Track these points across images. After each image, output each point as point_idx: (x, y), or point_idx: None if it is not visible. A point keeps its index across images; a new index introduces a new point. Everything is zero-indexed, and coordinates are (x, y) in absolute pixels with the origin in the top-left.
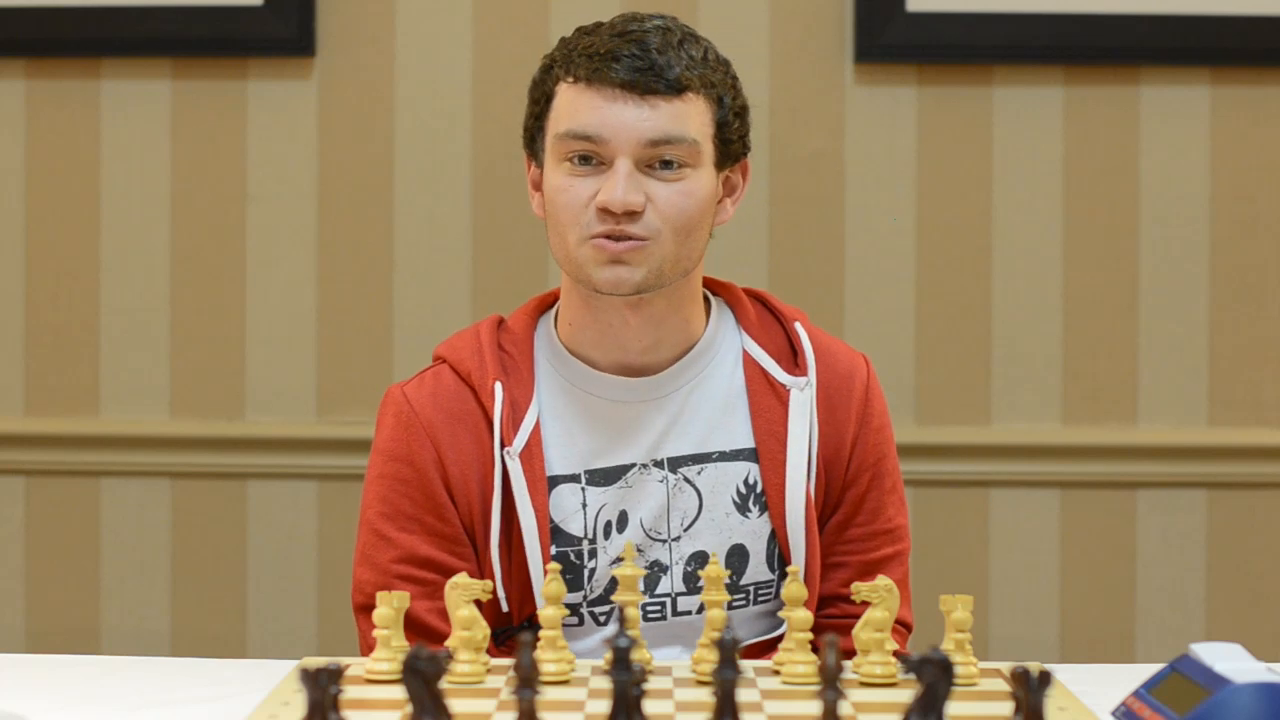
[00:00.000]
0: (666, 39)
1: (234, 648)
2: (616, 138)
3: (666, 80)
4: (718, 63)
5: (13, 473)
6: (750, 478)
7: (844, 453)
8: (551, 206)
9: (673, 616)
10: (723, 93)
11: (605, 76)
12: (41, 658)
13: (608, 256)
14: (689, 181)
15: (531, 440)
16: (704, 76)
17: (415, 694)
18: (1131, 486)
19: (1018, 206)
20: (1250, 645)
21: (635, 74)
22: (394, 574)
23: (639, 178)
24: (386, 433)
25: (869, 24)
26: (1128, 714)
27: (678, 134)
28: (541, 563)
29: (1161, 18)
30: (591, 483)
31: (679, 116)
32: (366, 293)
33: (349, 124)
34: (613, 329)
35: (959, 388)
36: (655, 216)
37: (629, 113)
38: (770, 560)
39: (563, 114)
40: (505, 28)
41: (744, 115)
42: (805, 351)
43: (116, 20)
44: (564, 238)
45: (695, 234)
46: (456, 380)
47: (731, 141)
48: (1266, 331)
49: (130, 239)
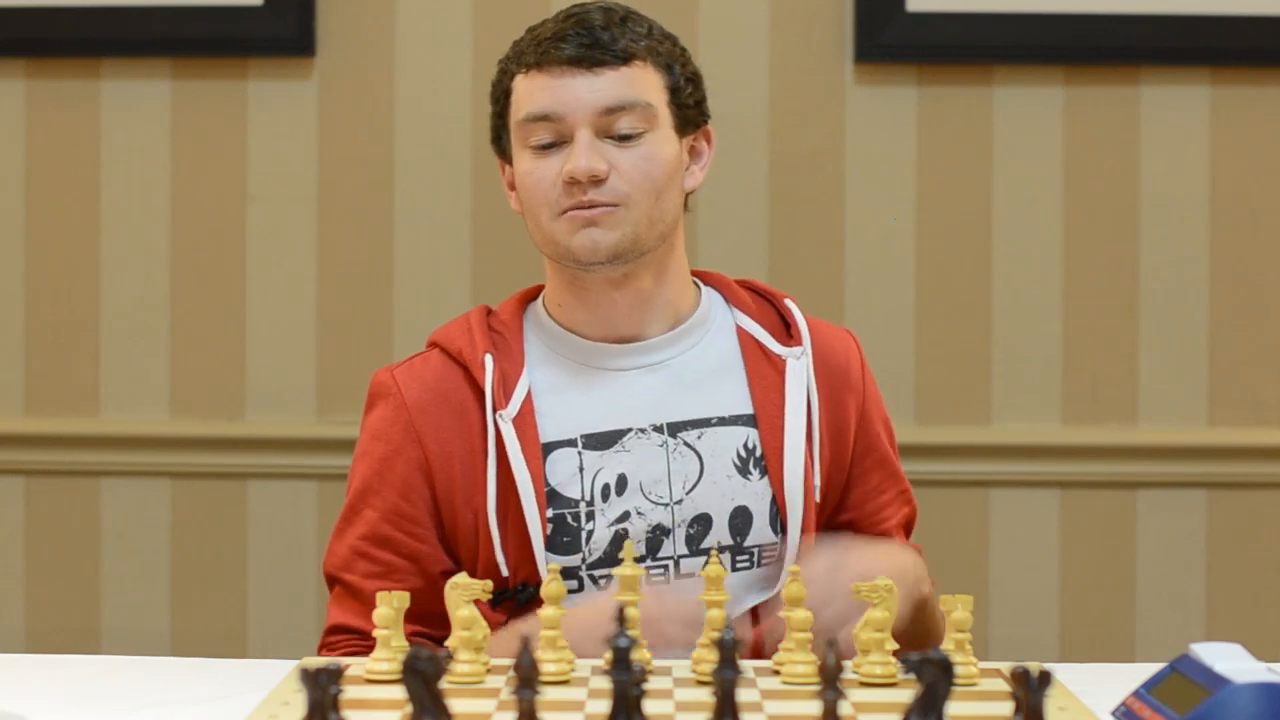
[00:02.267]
0: (609, 16)
1: (234, 648)
2: (572, 111)
3: (613, 51)
4: (663, 36)
5: (13, 473)
6: (749, 442)
7: (849, 430)
8: (523, 191)
9: (675, 579)
10: (671, 60)
11: (554, 56)
12: (41, 658)
13: (581, 222)
14: (649, 145)
15: (524, 407)
16: (650, 46)
17: (415, 694)
18: (1131, 486)
19: (1018, 206)
20: (1250, 645)
21: (582, 49)
22: (357, 550)
23: (600, 145)
24: (374, 414)
25: (869, 24)
26: (1128, 714)
27: (630, 99)
28: (540, 525)
29: (1161, 18)
30: (588, 447)
31: (630, 82)
32: (366, 293)
33: (349, 124)
34: (600, 308)
35: (959, 388)
36: (621, 181)
37: (580, 85)
38: (774, 523)
39: (520, 102)
40: (505, 28)
41: (697, 82)
42: (798, 324)
43: (116, 20)
44: (538, 219)
45: (665, 195)
46: (446, 361)
47: (687, 106)
48: (1266, 331)
49: (130, 239)
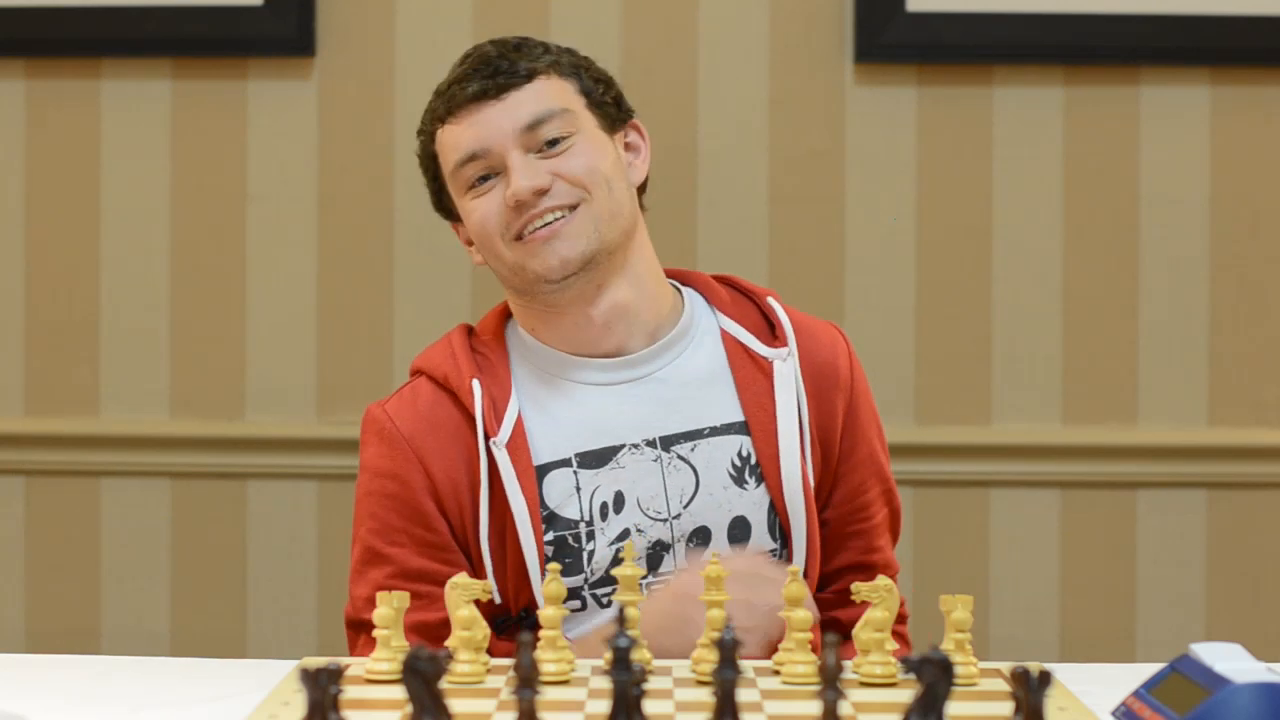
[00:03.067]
0: (502, 46)
1: (234, 648)
2: (495, 140)
3: (516, 73)
4: (560, 51)
5: (13, 473)
6: (744, 450)
7: (836, 425)
8: (474, 232)
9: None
10: (575, 67)
11: (461, 98)
12: (41, 658)
13: (540, 241)
14: (579, 144)
15: (516, 431)
16: (551, 61)
17: (415, 694)
18: (1131, 486)
19: (1018, 206)
20: (1250, 645)
21: (485, 81)
22: (388, 589)
23: (534, 162)
24: (371, 450)
25: (869, 24)
26: (1128, 714)
27: (546, 109)
28: (536, 551)
29: (1161, 18)
30: (583, 465)
31: (540, 95)
32: (366, 293)
33: (349, 124)
34: (578, 328)
35: (959, 388)
36: (565, 185)
37: (495, 113)
38: (772, 530)
39: (447, 153)
40: (505, 28)
41: (609, 82)
42: (782, 323)
43: (116, 20)
44: (496, 251)
45: (615, 186)
46: (434, 389)
47: (606, 104)
48: (1266, 331)
49: (130, 239)
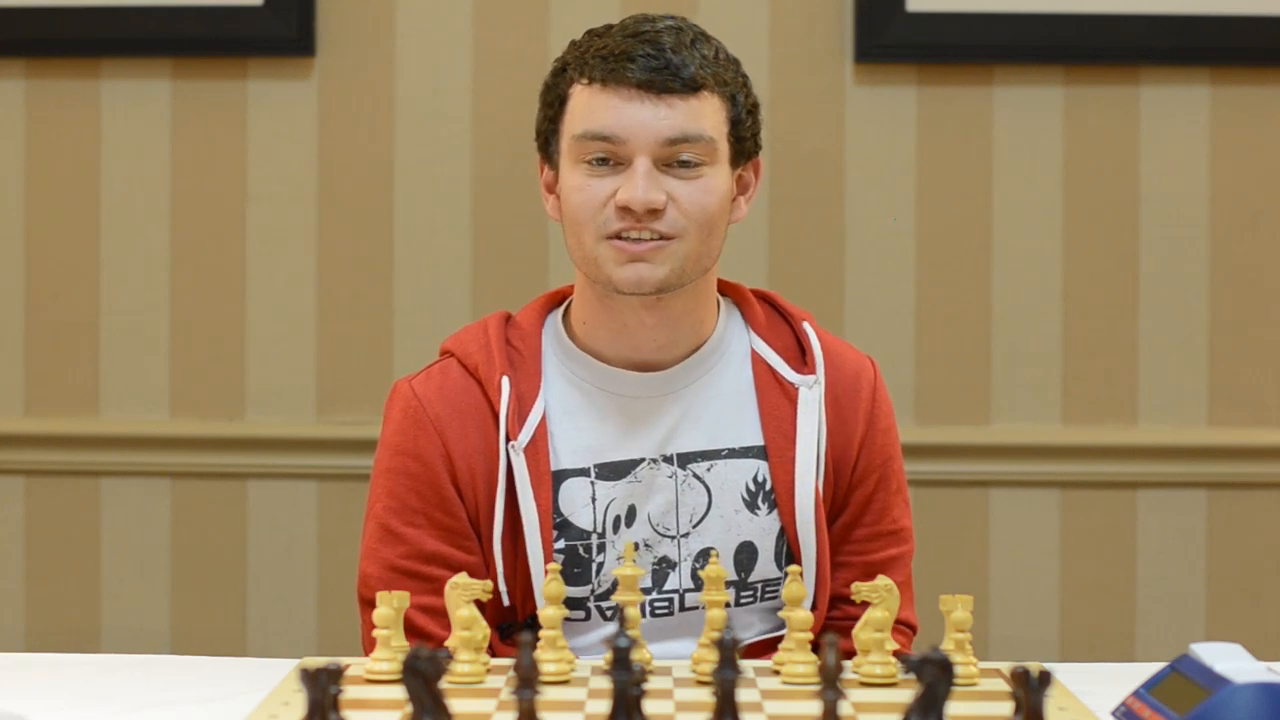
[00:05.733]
0: (680, 39)
1: (234, 648)
2: (635, 137)
3: (682, 79)
4: (729, 61)
5: (13, 473)
6: (759, 475)
7: (851, 453)
8: (569, 206)
9: (680, 612)
10: (735, 91)
11: (621, 77)
12: (41, 657)
13: (628, 256)
14: (707, 179)
15: (537, 435)
16: (717, 75)
17: (415, 694)
18: (1131, 486)
19: (1018, 206)
20: (1250, 645)
21: (651, 73)
22: (401, 569)
23: (658, 176)
24: (394, 426)
25: (869, 24)
26: (1128, 714)
27: (695, 132)
28: (543, 560)
29: (1161, 18)
30: (601, 476)
31: (695, 115)
32: (366, 293)
33: (349, 124)
34: (628, 329)
35: (959, 388)
36: (678, 214)
37: (646, 112)
38: (779, 558)
39: (579, 116)
40: (505, 28)
41: (755, 113)
42: (813, 350)
43: (116, 20)
44: (581, 237)
45: (715, 231)
46: (464, 374)
47: (745, 139)
48: (1266, 331)
49: (130, 239)
